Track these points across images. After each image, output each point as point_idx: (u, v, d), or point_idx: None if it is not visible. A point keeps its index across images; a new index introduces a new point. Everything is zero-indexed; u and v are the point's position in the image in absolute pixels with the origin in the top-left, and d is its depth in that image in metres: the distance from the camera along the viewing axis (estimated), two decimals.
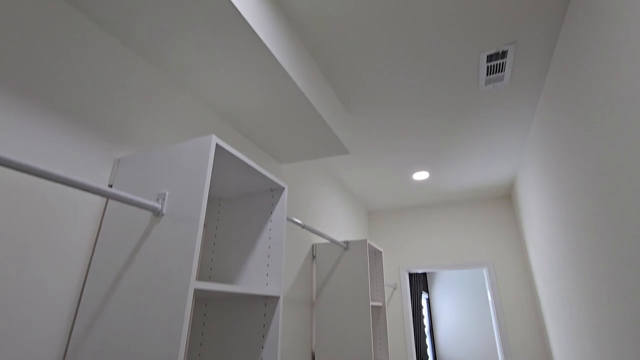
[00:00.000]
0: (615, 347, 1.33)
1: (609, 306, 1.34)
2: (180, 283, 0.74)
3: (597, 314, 1.47)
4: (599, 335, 1.48)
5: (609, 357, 1.40)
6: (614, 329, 1.32)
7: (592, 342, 1.59)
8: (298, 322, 1.90)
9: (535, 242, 2.45)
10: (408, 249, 3.42)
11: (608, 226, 1.22)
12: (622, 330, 1.24)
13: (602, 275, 1.35)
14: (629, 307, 1.16)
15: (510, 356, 2.75)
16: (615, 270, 1.22)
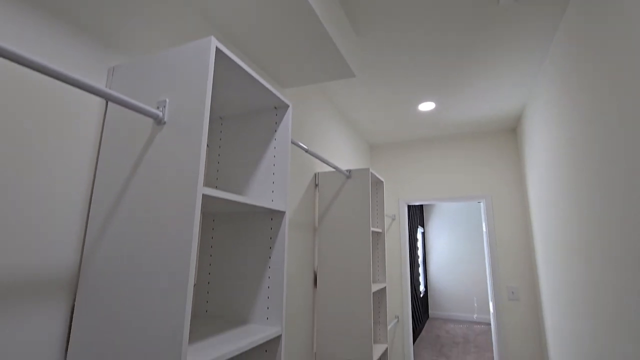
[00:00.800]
0: (605, 277, 1.41)
1: (601, 239, 1.38)
2: (188, 189, 0.74)
3: (589, 248, 1.52)
4: (588, 263, 1.56)
5: (599, 287, 1.49)
6: (605, 259, 1.38)
7: (579, 273, 1.68)
8: (301, 245, 1.99)
9: (536, 177, 2.47)
10: (408, 182, 3.47)
11: (615, 168, 1.20)
12: (612, 265, 1.30)
13: (599, 209, 1.37)
14: (621, 242, 1.20)
15: (499, 285, 2.94)
16: (611, 207, 1.24)
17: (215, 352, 0.78)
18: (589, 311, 1.61)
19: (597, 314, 1.51)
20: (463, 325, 6.55)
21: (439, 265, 7.42)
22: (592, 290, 1.54)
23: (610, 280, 1.35)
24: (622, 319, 1.27)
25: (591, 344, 1.60)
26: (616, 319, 1.32)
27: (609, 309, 1.38)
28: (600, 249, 1.43)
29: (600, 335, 1.49)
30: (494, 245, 3.02)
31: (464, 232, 7.34)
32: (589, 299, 1.59)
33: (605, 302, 1.41)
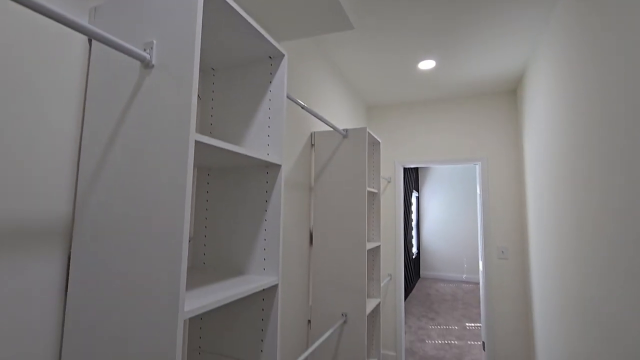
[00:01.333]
0: (594, 238, 1.44)
1: (593, 200, 1.39)
2: (179, 135, 0.71)
3: (580, 209, 1.54)
4: (578, 228, 1.59)
5: (587, 247, 1.53)
6: (596, 225, 1.40)
7: (569, 234, 1.72)
8: (297, 204, 2.01)
9: (533, 139, 2.45)
10: (405, 144, 3.45)
11: (617, 131, 1.18)
12: (603, 227, 1.32)
13: (596, 174, 1.37)
14: (615, 204, 1.20)
15: (490, 244, 3.03)
16: (608, 171, 1.23)
17: (213, 297, 0.80)
18: (575, 271, 1.67)
19: (585, 274, 1.57)
20: (452, 285, 6.85)
21: (432, 229, 7.60)
22: (580, 250, 1.59)
23: (599, 241, 1.39)
24: (609, 279, 1.32)
25: (576, 303, 1.68)
26: (601, 280, 1.37)
27: (597, 269, 1.43)
28: (591, 210, 1.45)
29: (586, 295, 1.56)
30: (487, 206, 3.07)
31: (457, 197, 7.45)
32: (577, 258, 1.64)
33: (594, 262, 1.46)
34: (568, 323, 1.78)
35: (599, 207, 1.38)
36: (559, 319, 1.93)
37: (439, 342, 3.80)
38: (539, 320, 2.45)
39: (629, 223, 1.13)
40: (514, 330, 2.86)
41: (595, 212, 1.42)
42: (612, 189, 1.26)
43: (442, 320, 4.62)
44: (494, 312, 2.94)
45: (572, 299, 1.71)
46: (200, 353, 1.11)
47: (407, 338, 3.91)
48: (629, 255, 1.14)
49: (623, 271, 1.20)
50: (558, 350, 1.98)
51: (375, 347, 2.31)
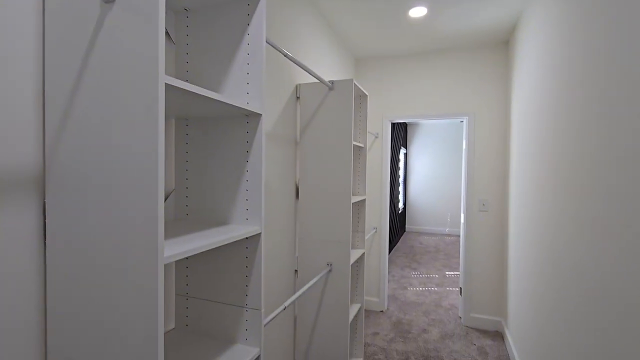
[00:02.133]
0: (566, 195, 1.48)
1: (572, 154, 1.41)
2: (148, 78, 0.67)
3: (558, 160, 1.57)
4: (554, 183, 1.63)
5: (558, 203, 1.58)
6: (570, 179, 1.43)
7: (545, 190, 1.77)
8: (282, 158, 1.99)
9: (522, 92, 2.42)
10: (393, 99, 3.39)
11: (600, 89, 1.16)
12: (577, 182, 1.35)
13: (574, 130, 1.37)
14: (590, 168, 1.22)
15: (472, 197, 3.11)
16: (588, 125, 1.23)
17: (193, 244, 0.81)
18: (548, 222, 1.74)
19: (556, 225, 1.64)
20: (436, 238, 7.16)
21: (418, 184, 7.76)
22: (553, 203, 1.65)
23: (570, 195, 1.43)
24: (575, 231, 1.38)
25: (548, 253, 1.78)
26: (569, 231, 1.44)
27: (566, 221, 1.49)
28: (567, 165, 1.48)
29: (556, 245, 1.64)
30: (471, 161, 3.12)
31: (443, 153, 7.53)
32: (550, 211, 1.71)
33: (564, 215, 1.52)
34: (539, 271, 1.90)
35: (573, 162, 1.41)
36: (531, 266, 2.06)
37: (419, 289, 4.05)
38: (512, 267, 2.61)
39: (600, 176, 1.17)
40: (489, 277, 3.06)
41: (569, 167, 1.46)
42: (586, 145, 1.28)
43: (424, 269, 4.88)
44: (472, 261, 3.12)
45: (544, 249, 1.81)
46: (187, 299, 1.16)
47: (390, 286, 4.14)
48: (595, 208, 1.19)
49: (588, 223, 1.26)
50: (527, 296, 2.13)
51: (359, 293, 2.45)
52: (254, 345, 1.06)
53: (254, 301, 1.06)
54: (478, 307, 3.09)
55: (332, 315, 2.08)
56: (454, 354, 2.63)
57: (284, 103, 2.00)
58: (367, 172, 3.47)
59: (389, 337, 2.88)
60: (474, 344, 2.76)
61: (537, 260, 1.92)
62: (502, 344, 2.77)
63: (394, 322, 3.17)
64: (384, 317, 3.26)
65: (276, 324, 1.95)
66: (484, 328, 3.04)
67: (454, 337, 2.88)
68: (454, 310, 3.45)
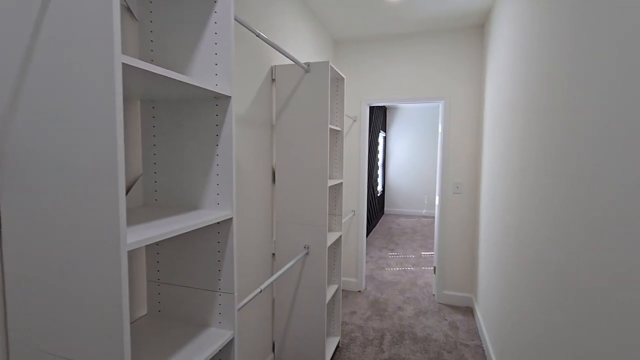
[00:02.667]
0: (534, 180, 1.54)
1: (539, 139, 1.46)
2: (102, 58, 0.63)
3: (527, 151, 1.62)
4: (522, 167, 1.69)
5: (525, 186, 1.64)
6: (537, 163, 1.49)
7: (514, 173, 1.83)
8: (258, 142, 1.96)
9: (495, 76, 2.47)
10: (371, 82, 3.38)
11: (584, 78, 1.19)
12: (543, 165, 1.40)
13: (541, 115, 1.41)
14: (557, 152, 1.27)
15: (447, 181, 3.19)
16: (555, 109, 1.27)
17: (160, 230, 0.79)
18: (516, 205, 1.82)
19: (521, 208, 1.71)
20: (413, 219, 7.35)
21: (397, 168, 7.88)
22: (521, 186, 1.72)
23: (536, 178, 1.49)
24: (541, 214, 1.45)
25: (514, 233, 1.86)
26: (535, 214, 1.51)
27: (533, 204, 1.56)
28: (534, 150, 1.54)
29: (523, 225, 1.72)
30: (447, 144, 3.18)
31: (421, 137, 7.65)
32: (519, 194, 1.78)
33: (531, 197, 1.58)
34: (506, 250, 2.00)
35: (539, 148, 1.47)
36: (499, 246, 2.16)
37: (396, 269, 4.18)
38: (482, 247, 2.73)
39: (563, 162, 1.22)
40: (461, 257, 3.18)
41: (536, 151, 1.51)
42: (553, 132, 1.33)
43: (401, 250, 5.03)
44: (445, 241, 3.23)
45: (511, 230, 1.89)
46: (159, 285, 1.14)
47: (368, 267, 4.25)
48: (558, 192, 1.25)
49: (552, 206, 1.32)
50: (495, 274, 2.24)
51: (337, 274, 2.50)
52: (227, 329, 1.07)
53: (227, 285, 1.07)
54: (450, 284, 3.23)
55: (309, 297, 2.11)
56: (427, 329, 2.75)
57: (259, 85, 1.95)
58: (346, 155, 3.48)
59: (366, 315, 2.98)
60: (445, 319, 2.90)
61: (505, 240, 2.02)
62: (471, 319, 2.92)
63: (371, 301, 3.27)
64: (362, 297, 3.35)
65: (254, 306, 1.97)
66: (456, 304, 3.19)
67: (427, 314, 3.01)
68: (428, 288, 3.59)
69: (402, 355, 2.38)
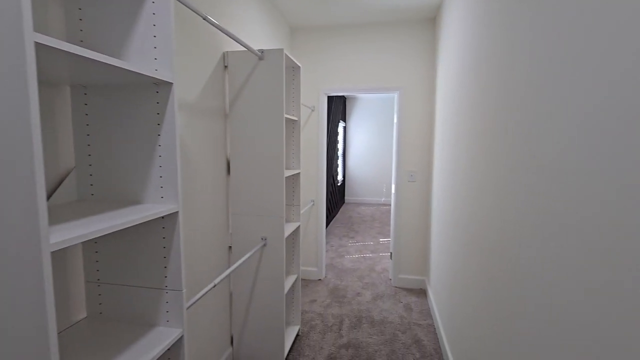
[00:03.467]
0: (479, 169, 1.63)
1: (485, 128, 1.55)
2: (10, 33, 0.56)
3: (473, 142, 1.72)
4: (469, 156, 1.78)
5: (472, 174, 1.74)
6: (483, 154, 1.58)
7: (462, 161, 1.93)
8: (210, 131, 1.88)
9: (445, 69, 2.57)
10: (329, 71, 3.37)
11: (515, 67, 1.26)
12: (488, 156, 1.49)
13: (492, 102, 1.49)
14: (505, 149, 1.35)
15: (402, 170, 3.30)
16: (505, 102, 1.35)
17: (94, 227, 0.73)
18: (463, 193, 1.92)
19: (466, 197, 1.82)
20: (373, 207, 7.56)
21: (356, 157, 8.02)
22: (467, 174, 1.82)
23: (482, 167, 1.59)
24: (482, 200, 1.55)
25: (460, 217, 1.97)
26: (477, 201, 1.61)
27: (476, 192, 1.66)
28: (479, 141, 1.63)
29: (467, 209, 1.83)
30: (402, 134, 3.28)
31: (380, 126, 7.83)
32: (465, 180, 1.89)
33: (476, 185, 1.68)
34: (455, 237, 2.12)
35: (489, 138, 1.56)
36: (448, 229, 2.28)
37: (356, 256, 4.29)
38: (434, 232, 2.87)
39: (512, 151, 1.30)
40: (415, 242, 3.33)
41: (486, 143, 1.60)
42: (496, 123, 1.41)
43: (360, 238, 5.16)
44: (401, 228, 3.36)
45: (457, 214, 2.01)
46: (99, 285, 1.07)
47: (328, 255, 4.32)
48: (496, 176, 1.33)
49: (492, 193, 1.41)
50: (444, 256, 2.38)
51: (295, 264, 2.51)
52: (176, 327, 1.03)
53: (174, 282, 1.02)
54: (405, 268, 3.38)
55: (268, 288, 2.10)
56: (383, 312, 2.86)
57: (210, 72, 1.86)
58: (304, 145, 3.47)
59: (326, 302, 3.03)
60: (401, 302, 3.04)
61: (454, 228, 2.14)
62: (424, 300, 3.08)
63: (331, 288, 3.33)
64: (322, 285, 3.41)
65: (209, 301, 1.92)
66: (410, 287, 3.35)
67: (384, 297, 3.14)
68: (385, 273, 3.73)
69: (360, 339, 2.46)
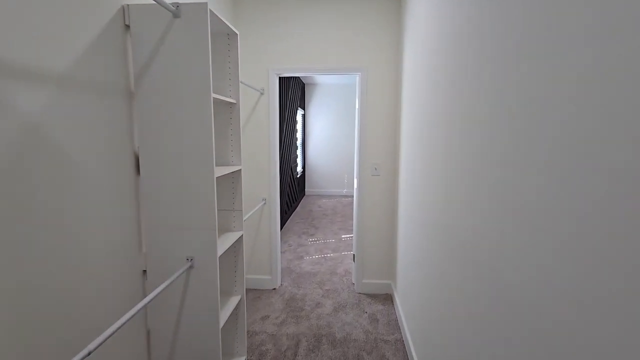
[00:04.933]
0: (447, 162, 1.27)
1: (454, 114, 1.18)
2: None
3: (443, 130, 1.35)
4: (439, 147, 1.42)
5: (440, 169, 1.38)
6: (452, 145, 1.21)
7: (431, 154, 1.58)
8: (105, 117, 1.34)
9: (411, 49, 2.19)
10: (281, 49, 2.87)
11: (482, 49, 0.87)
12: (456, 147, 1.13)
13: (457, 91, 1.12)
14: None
15: (365, 162, 2.92)
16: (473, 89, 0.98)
17: None
18: (433, 189, 1.57)
19: (436, 193, 1.46)
20: (334, 200, 7.22)
21: (317, 147, 7.60)
22: (437, 168, 1.46)
23: (450, 160, 1.22)
24: (454, 193, 1.19)
25: (429, 215, 1.62)
26: (449, 194, 1.25)
27: (445, 187, 1.30)
28: (448, 128, 1.26)
29: (435, 207, 1.47)
30: (364, 122, 2.89)
31: (340, 114, 7.45)
32: (434, 175, 1.53)
33: (444, 180, 1.32)
34: (426, 238, 1.77)
35: (465, 127, 1.19)
36: (417, 228, 1.93)
37: (316, 257, 3.90)
38: (401, 231, 2.54)
39: (491, 143, 0.93)
40: (380, 243, 3.00)
41: (461, 132, 1.24)
42: (481, 108, 1.04)
43: (321, 235, 4.78)
44: (364, 227, 3.00)
45: (426, 211, 1.65)
46: None
47: (285, 257, 3.89)
48: (487, 175, 0.97)
49: (464, 186, 1.07)
50: (414, 263, 2.03)
51: (239, 284, 2.04)
52: None
53: None
54: (370, 272, 3.04)
55: (198, 322, 1.63)
56: (346, 326, 2.50)
57: (98, 31, 1.30)
58: (252, 135, 2.96)
59: (280, 319, 2.61)
60: (365, 312, 2.70)
61: (425, 227, 1.79)
62: (391, 308, 2.77)
63: (287, 299, 2.91)
64: (277, 296, 2.98)
65: (116, 345, 1.41)
66: (375, 292, 3.03)
67: (347, 307, 2.78)
68: (348, 277, 3.38)
69: None
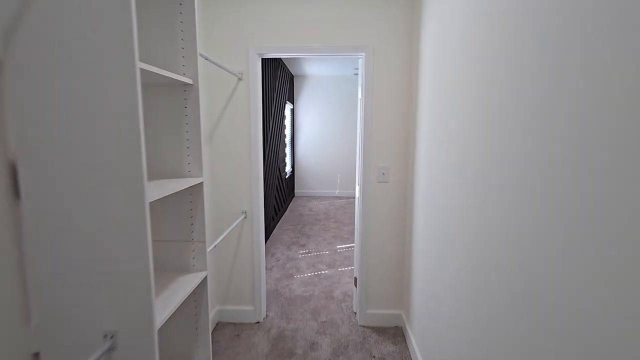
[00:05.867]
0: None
1: None
2: None
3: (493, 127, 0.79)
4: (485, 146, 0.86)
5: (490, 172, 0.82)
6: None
7: (472, 156, 1.01)
8: None
9: (437, 26, 1.62)
10: (263, 23, 2.26)
11: None
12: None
13: None
14: None
15: (370, 165, 2.35)
16: None
17: None
18: (474, 201, 1.00)
19: (483, 207, 0.89)
20: (326, 202, 6.64)
21: (307, 144, 6.99)
22: (487, 176, 0.90)
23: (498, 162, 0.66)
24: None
25: (470, 240, 1.05)
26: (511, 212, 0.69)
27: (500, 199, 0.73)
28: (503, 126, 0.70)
29: (481, 227, 0.91)
30: (369, 115, 2.31)
31: (333, 107, 6.86)
32: (478, 188, 0.96)
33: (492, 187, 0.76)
34: (455, 260, 1.20)
35: (517, 120, 0.62)
36: (445, 253, 1.36)
37: (308, 275, 3.32)
38: (418, 252, 1.98)
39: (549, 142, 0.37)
40: (389, 265, 2.43)
41: (510, 127, 0.67)
42: None
43: (314, 245, 4.20)
44: (368, 246, 2.43)
45: (460, 232, 1.09)
46: None
47: (273, 276, 3.30)
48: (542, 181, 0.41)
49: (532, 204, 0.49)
50: (435, 290, 1.46)
51: (202, 344, 1.44)
52: None
53: None
54: (376, 300, 2.48)
55: None
56: None
57: None
58: (228, 132, 2.35)
59: None
60: (373, 357, 2.13)
61: (452, 247, 1.22)
62: (404, 348, 2.21)
63: (274, 337, 2.33)
64: (261, 333, 2.38)
65: None
66: (383, 325, 2.46)
67: (349, 349, 2.21)
68: (347, 302, 2.81)
69: None
